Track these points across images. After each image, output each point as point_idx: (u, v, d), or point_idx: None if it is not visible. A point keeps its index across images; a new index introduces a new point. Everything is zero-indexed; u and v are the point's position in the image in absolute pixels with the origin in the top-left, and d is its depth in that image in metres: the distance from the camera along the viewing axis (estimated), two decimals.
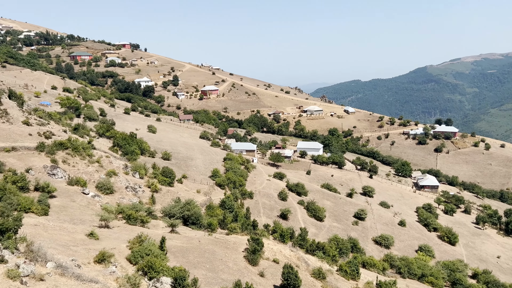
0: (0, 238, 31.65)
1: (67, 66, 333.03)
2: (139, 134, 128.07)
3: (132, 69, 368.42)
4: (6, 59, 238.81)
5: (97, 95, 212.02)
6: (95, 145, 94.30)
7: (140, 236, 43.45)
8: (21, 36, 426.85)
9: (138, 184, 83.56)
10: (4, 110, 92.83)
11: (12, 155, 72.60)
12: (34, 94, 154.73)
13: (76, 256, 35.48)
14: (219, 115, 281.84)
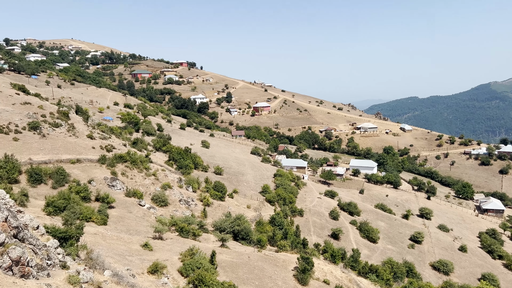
0: (64, 245, 33.65)
1: (129, 83, 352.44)
2: (193, 149, 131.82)
3: (188, 87, 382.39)
4: (75, 77, 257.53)
5: (155, 111, 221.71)
6: (152, 158, 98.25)
7: (191, 249, 44.26)
8: (88, 55, 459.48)
9: (191, 197, 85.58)
10: (71, 124, 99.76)
11: (76, 167, 77.46)
12: (98, 110, 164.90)
13: (131, 265, 36.78)
14: (270, 131, 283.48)
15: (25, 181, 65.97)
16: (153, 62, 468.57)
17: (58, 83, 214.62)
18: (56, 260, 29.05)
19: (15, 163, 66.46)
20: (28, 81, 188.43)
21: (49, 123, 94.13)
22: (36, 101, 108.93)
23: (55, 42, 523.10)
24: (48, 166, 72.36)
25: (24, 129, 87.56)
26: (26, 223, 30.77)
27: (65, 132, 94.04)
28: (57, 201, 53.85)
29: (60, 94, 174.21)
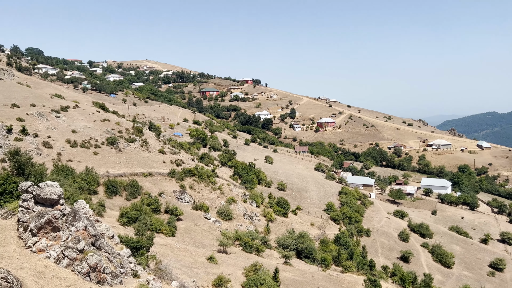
0: (135, 254, 35.41)
1: (197, 100, 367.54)
2: (257, 164, 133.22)
3: (253, 103, 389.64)
4: (149, 95, 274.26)
5: (222, 127, 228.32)
6: (217, 173, 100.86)
7: (255, 265, 44.33)
8: (161, 75, 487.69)
9: (255, 212, 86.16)
10: (145, 140, 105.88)
11: (148, 180, 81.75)
12: (169, 126, 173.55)
13: (197, 278, 37.64)
14: (334, 147, 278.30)
15: (102, 192, 70.88)
16: (220, 80, 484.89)
17: (133, 101, 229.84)
18: (128, 269, 30.60)
19: (95, 175, 71.77)
20: (107, 100, 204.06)
21: (124, 139, 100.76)
22: (114, 118, 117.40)
23: (132, 63, 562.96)
24: (123, 179, 77.19)
25: (103, 144, 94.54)
26: (102, 232, 32.90)
27: (138, 147, 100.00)
28: (130, 212, 57.04)
29: (135, 111, 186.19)
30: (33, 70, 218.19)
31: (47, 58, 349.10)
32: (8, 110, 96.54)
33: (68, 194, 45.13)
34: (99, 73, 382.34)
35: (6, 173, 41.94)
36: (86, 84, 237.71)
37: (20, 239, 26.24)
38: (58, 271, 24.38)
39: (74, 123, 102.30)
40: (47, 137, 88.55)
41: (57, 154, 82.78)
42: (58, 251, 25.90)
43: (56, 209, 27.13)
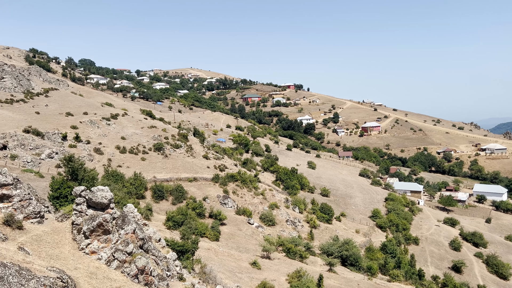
0: (181, 258, 36.19)
1: (240, 107, 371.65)
2: (300, 170, 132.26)
3: (295, 108, 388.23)
4: (193, 103, 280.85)
5: (264, 132, 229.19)
6: (260, 178, 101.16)
7: (299, 271, 43.90)
8: (205, 82, 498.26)
9: (298, 218, 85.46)
10: (190, 145, 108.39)
11: (193, 185, 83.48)
12: (213, 132, 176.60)
13: (241, 283, 37.82)
14: (380, 152, 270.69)
15: (150, 196, 73.21)
16: (262, 86, 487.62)
17: (178, 108, 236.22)
18: (174, 272, 31.30)
19: (142, 180, 74.31)
20: (154, 107, 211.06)
21: (170, 145, 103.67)
22: (160, 124, 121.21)
23: (177, 71, 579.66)
24: (169, 184, 79.34)
25: (150, 149, 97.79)
26: (150, 235, 33.91)
27: (184, 153, 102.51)
28: (176, 216, 58.46)
29: (180, 118, 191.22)
30: (85, 80, 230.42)
31: (98, 68, 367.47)
32: (63, 118, 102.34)
33: (118, 198, 47.00)
34: (146, 81, 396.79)
35: (61, 178, 44.41)
36: (134, 92, 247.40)
37: (74, 241, 27.60)
38: (108, 273, 25.38)
39: (123, 130, 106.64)
40: (98, 143, 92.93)
41: (107, 160, 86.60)
42: (109, 253, 26.98)
43: (107, 213, 28.31)
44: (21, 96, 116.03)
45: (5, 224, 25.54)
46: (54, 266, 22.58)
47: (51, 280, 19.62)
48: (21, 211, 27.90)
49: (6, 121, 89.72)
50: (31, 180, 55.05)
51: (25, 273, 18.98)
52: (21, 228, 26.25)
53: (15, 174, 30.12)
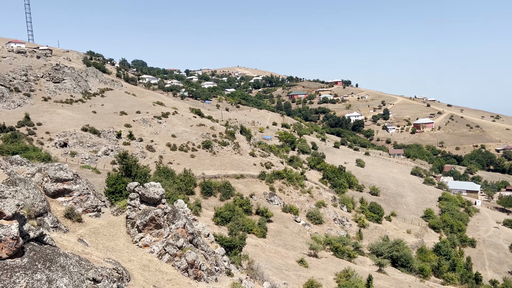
0: (229, 253, 36.80)
1: (286, 104, 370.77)
2: (348, 168, 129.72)
3: (342, 105, 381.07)
4: (240, 101, 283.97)
5: (310, 130, 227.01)
6: (306, 176, 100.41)
7: (347, 271, 43.15)
8: (251, 80, 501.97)
9: (346, 217, 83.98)
10: (237, 143, 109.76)
11: (240, 181, 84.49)
12: (259, 130, 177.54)
13: (288, 280, 37.81)
14: (433, 150, 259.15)
15: (198, 192, 75.06)
16: (309, 83, 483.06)
17: (226, 106, 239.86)
18: (223, 267, 31.88)
19: (192, 177, 76.32)
20: (203, 106, 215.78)
21: (218, 142, 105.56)
22: (209, 123, 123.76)
23: (224, 70, 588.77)
24: (217, 180, 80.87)
25: (199, 147, 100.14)
26: (199, 230, 34.78)
27: (231, 150, 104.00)
28: (224, 212, 59.51)
29: (227, 116, 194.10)
30: (138, 80, 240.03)
31: (150, 69, 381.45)
32: (118, 117, 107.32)
33: (169, 194, 48.59)
34: (195, 81, 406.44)
35: (116, 174, 46.65)
36: (184, 91, 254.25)
37: (128, 234, 28.92)
38: (160, 266, 26.35)
39: (174, 128, 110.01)
40: (150, 141, 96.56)
41: (159, 157, 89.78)
42: (160, 247, 28.00)
43: (158, 208, 29.38)
44: (80, 96, 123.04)
45: (66, 217, 27.26)
46: (110, 257, 23.79)
47: (108, 271, 20.70)
48: (80, 205, 29.64)
49: (66, 120, 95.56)
50: (89, 176, 58.30)
51: (84, 264, 20.16)
52: (80, 221, 27.90)
53: (75, 170, 32.02)
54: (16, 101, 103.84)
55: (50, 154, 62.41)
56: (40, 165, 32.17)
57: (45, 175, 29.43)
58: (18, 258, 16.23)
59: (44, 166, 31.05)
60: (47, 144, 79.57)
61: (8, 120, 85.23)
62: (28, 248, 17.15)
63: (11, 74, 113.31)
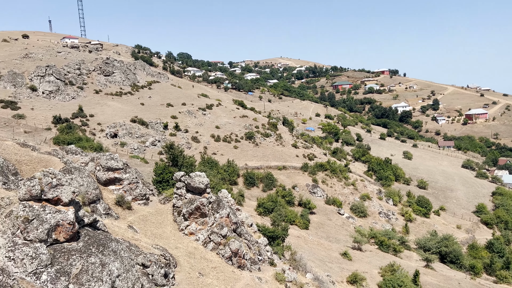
0: (272, 243, 37.08)
1: (329, 95, 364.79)
2: (394, 160, 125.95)
3: (389, 95, 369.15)
4: (282, 92, 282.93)
5: (355, 121, 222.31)
6: (351, 168, 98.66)
7: (392, 265, 42.18)
8: (294, 71, 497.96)
9: (391, 210, 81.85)
10: (279, 134, 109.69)
11: (282, 173, 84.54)
12: (302, 121, 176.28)
13: (331, 272, 37.56)
14: (487, 142, 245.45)
15: (241, 183, 75.98)
16: (354, 72, 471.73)
17: (268, 98, 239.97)
18: (266, 257, 32.20)
19: (235, 167, 77.33)
20: (245, 97, 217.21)
21: (261, 133, 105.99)
22: (251, 114, 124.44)
23: (267, 62, 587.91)
24: (260, 171, 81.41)
25: (242, 138, 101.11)
26: (242, 220, 35.27)
27: (273, 141, 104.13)
28: (266, 203, 59.91)
29: (270, 108, 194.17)
30: (183, 73, 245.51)
31: (194, 61, 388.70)
32: (164, 109, 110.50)
33: (213, 184, 49.58)
34: (238, 72, 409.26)
35: (163, 164, 48.20)
36: (227, 83, 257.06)
37: (174, 222, 29.90)
38: (205, 253, 27.06)
39: (217, 119, 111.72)
40: (195, 132, 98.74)
41: (203, 148, 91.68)
42: (205, 235, 28.71)
43: (203, 197, 30.08)
44: (128, 89, 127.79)
45: (117, 204, 28.59)
46: (158, 244, 24.74)
47: (156, 257, 21.55)
48: (130, 193, 30.95)
49: (116, 111, 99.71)
50: (137, 166, 60.67)
51: (134, 249, 21.10)
52: (130, 209, 29.17)
53: (124, 159, 33.43)
54: (71, 93, 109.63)
55: (102, 144, 65.53)
56: (92, 154, 33.90)
57: (98, 164, 30.97)
58: (74, 242, 17.27)
59: (96, 155, 32.68)
60: (98, 134, 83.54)
61: (64, 112, 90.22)
62: (83, 233, 18.20)
63: (65, 68, 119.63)
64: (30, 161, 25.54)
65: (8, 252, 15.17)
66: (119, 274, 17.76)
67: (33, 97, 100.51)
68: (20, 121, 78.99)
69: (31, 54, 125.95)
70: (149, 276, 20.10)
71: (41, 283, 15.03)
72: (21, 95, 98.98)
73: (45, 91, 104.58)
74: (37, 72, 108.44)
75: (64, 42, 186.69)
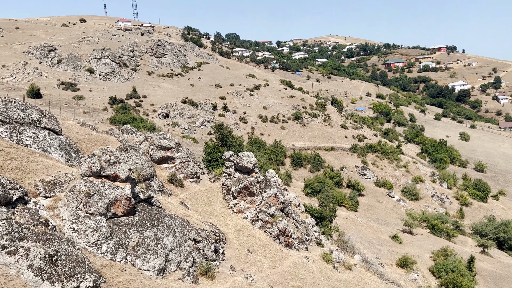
0: (319, 224, 37.07)
1: (381, 73, 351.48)
2: (449, 142, 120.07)
3: (446, 73, 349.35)
4: (331, 71, 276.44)
5: (408, 100, 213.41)
6: (402, 150, 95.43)
7: (445, 250, 40.78)
8: (344, 49, 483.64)
9: (446, 194, 78.63)
10: (327, 115, 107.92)
11: (330, 154, 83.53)
12: (351, 101, 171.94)
13: (380, 255, 37.03)
14: None
15: (288, 164, 76.07)
16: (408, 50, 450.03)
17: (317, 77, 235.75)
18: (313, 237, 32.31)
19: (282, 148, 77.42)
20: (293, 77, 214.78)
21: (308, 114, 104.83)
22: (299, 94, 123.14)
23: (316, 40, 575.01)
24: (307, 152, 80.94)
25: (289, 119, 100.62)
26: (289, 200, 35.48)
27: (321, 122, 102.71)
28: (314, 184, 59.68)
29: (318, 87, 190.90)
30: (231, 54, 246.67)
31: (242, 41, 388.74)
32: (213, 90, 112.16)
33: (260, 164, 50.06)
34: (286, 52, 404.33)
35: (213, 144, 49.27)
36: (275, 63, 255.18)
37: (224, 200, 30.69)
38: (253, 231, 27.62)
39: (265, 100, 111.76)
40: (243, 113, 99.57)
41: (251, 128, 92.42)
42: (253, 214, 29.25)
43: (251, 177, 30.52)
44: (179, 70, 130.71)
45: (169, 181, 29.76)
46: (208, 221, 25.58)
47: (206, 232, 22.33)
48: (182, 171, 32.06)
49: (167, 93, 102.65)
50: (188, 145, 62.46)
51: (186, 225, 21.98)
52: (181, 186, 30.27)
53: (176, 139, 34.53)
54: (125, 75, 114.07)
55: (155, 124, 67.97)
56: (146, 134, 35.32)
57: (151, 143, 32.25)
58: (131, 216, 18.27)
59: (150, 135, 34.02)
60: (151, 115, 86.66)
61: (119, 93, 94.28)
62: (139, 208, 19.18)
63: (120, 50, 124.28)
64: (90, 140, 27.09)
65: (73, 224, 16.36)
66: (173, 248, 18.62)
67: (90, 79, 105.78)
68: (79, 102, 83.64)
69: (88, 38, 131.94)
70: (200, 251, 20.91)
71: (102, 254, 16.12)
72: (80, 77, 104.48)
73: (102, 73, 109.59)
74: (94, 55, 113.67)
75: (118, 25, 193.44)
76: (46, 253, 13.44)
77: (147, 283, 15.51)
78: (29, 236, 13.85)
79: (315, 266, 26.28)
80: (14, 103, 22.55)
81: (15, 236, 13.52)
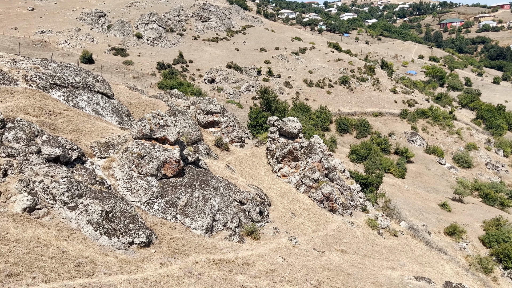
0: (364, 190, 36.68)
1: (436, 34, 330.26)
2: (508, 107, 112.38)
3: (508, 33, 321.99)
4: (382, 32, 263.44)
5: (464, 63, 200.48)
6: (456, 115, 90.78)
7: (498, 219, 39.21)
8: (396, 9, 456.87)
9: (501, 162, 74.64)
10: (376, 78, 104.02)
11: (378, 120, 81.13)
12: (402, 64, 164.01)
13: (427, 222, 36.29)
14: None
15: (334, 129, 74.91)
16: (466, 8, 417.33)
17: (366, 39, 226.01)
18: (358, 203, 32.13)
19: (328, 113, 76.11)
20: (341, 39, 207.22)
21: (356, 78, 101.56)
22: (347, 57, 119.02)
23: (366, 0, 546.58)
24: (354, 118, 79.09)
25: (336, 83, 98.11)
26: (334, 166, 35.21)
27: (370, 86, 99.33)
28: (360, 150, 58.62)
29: (367, 50, 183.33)
30: (276, 16, 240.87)
31: (288, 3, 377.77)
32: (258, 54, 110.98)
33: (305, 129, 49.66)
34: (334, 13, 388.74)
35: (257, 109, 49.32)
36: (322, 25, 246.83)
37: (268, 164, 31.02)
38: (297, 195, 27.88)
39: (311, 64, 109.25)
40: (288, 77, 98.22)
41: (296, 93, 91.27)
42: (298, 178, 29.42)
43: (296, 142, 30.47)
44: (224, 34, 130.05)
45: (216, 145, 30.40)
46: (253, 184, 26.07)
47: (251, 195, 22.82)
48: (227, 136, 32.58)
49: (213, 57, 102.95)
50: (233, 110, 62.98)
51: (232, 187, 22.55)
52: (227, 150, 30.86)
53: (222, 104, 34.91)
54: (172, 40, 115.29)
55: (201, 89, 68.88)
56: (193, 98, 35.94)
57: (198, 108, 32.84)
58: (180, 177, 18.98)
59: (196, 99, 34.59)
60: (197, 80, 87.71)
61: (166, 58, 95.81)
62: (187, 170, 19.86)
63: (166, 15, 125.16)
64: (140, 104, 28.02)
65: (126, 183, 17.28)
66: (219, 209, 19.28)
67: (139, 44, 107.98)
68: (129, 67, 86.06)
69: (135, 3, 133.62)
70: (246, 213, 21.49)
71: (154, 212, 17.01)
72: (129, 42, 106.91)
73: (149, 38, 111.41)
74: (141, 20, 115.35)
75: None
76: (103, 209, 14.39)
77: (196, 241, 16.27)
78: (87, 193, 14.84)
79: (360, 231, 26.29)
80: (70, 68, 23.60)
81: (75, 193, 14.55)
